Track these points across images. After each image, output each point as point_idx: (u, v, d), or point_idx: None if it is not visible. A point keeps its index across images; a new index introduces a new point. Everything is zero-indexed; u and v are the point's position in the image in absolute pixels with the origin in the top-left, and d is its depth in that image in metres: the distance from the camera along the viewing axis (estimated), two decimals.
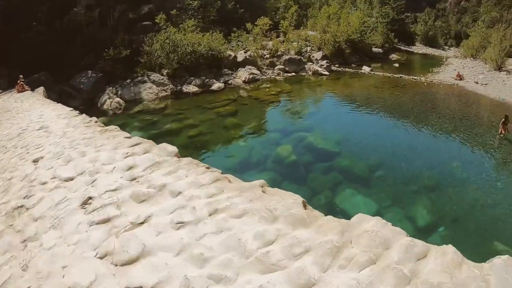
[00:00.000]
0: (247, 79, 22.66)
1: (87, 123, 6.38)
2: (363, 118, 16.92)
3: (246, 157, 12.43)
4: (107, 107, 17.60)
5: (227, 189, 3.31)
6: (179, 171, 3.69)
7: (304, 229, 2.56)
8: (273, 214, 2.74)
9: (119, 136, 5.22)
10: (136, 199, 3.27)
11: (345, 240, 2.38)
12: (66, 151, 4.82)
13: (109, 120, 16.34)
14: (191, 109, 17.89)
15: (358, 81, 24.39)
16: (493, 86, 21.59)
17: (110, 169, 3.93)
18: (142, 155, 4.19)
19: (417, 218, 9.10)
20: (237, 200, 3.06)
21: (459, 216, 9.37)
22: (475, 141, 13.65)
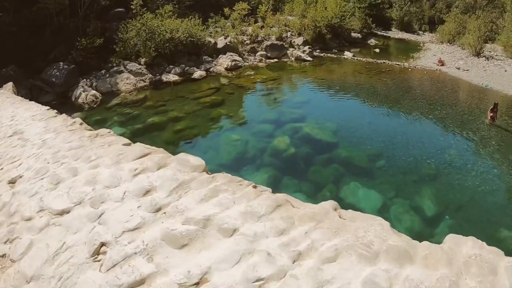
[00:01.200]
0: (229, 66, 21.53)
1: (70, 126, 5.18)
2: (355, 105, 16.42)
3: (241, 152, 11.53)
4: (82, 101, 16.01)
5: (299, 220, 2.48)
6: (220, 195, 2.75)
7: (411, 265, 2.10)
8: (372, 249, 2.18)
9: (115, 143, 4.14)
10: (173, 243, 2.31)
11: (456, 271, 2.05)
12: (51, 168, 3.70)
13: (85, 116, 14.84)
14: (174, 100, 16.63)
15: (342, 67, 23.82)
16: (474, 72, 21.74)
17: (119, 194, 2.90)
18: (158, 172, 3.18)
19: (424, 209, 8.90)
20: (318, 235, 2.31)
21: (462, 204, 9.28)
22: (467, 128, 13.57)
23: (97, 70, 18.41)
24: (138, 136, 12.88)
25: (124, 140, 4.33)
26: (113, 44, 19.32)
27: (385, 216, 8.92)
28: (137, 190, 2.93)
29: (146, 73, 18.78)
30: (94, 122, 13.99)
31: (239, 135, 12.35)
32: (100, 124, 13.91)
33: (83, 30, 18.78)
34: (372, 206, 9.14)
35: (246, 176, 10.64)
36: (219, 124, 13.71)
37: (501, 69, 22.83)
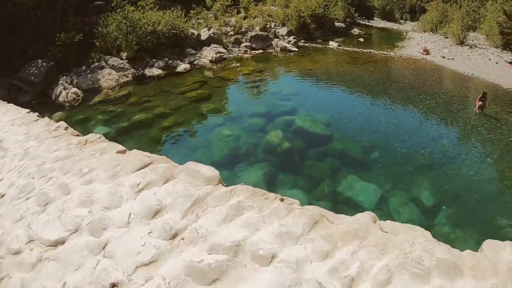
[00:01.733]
0: (214, 59, 20.87)
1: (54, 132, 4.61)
2: (345, 96, 16.19)
3: (233, 148, 11.11)
4: (63, 99, 15.09)
5: (341, 239, 2.19)
6: (245, 213, 2.34)
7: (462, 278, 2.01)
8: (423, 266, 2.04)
9: (108, 150, 3.65)
10: (201, 279, 1.90)
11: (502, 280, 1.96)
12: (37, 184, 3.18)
13: (67, 115, 14.05)
14: (159, 95, 15.94)
15: (329, 57, 23.51)
16: (460, 61, 21.87)
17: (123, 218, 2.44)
18: (166, 186, 2.73)
19: (421, 200, 8.85)
20: (366, 254, 2.08)
21: (459, 193, 9.29)
22: (457, 117, 13.61)
23: (77, 67, 17.45)
24: (124, 135, 12.27)
25: (118, 147, 3.84)
26: (93, 38, 18.35)
27: (384, 208, 8.73)
28: (144, 211, 2.48)
29: (129, 67, 17.96)
30: (76, 121, 13.28)
31: (230, 130, 11.89)
32: (83, 124, 13.14)
33: (61, 25, 17.70)
34: (370, 199, 9.01)
35: (240, 173, 10.29)
36: (208, 119, 13.19)
37: (485, 58, 23.07)
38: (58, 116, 13.63)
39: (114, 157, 3.40)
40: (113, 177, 2.98)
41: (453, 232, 7.90)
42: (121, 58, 18.35)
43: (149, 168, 3.03)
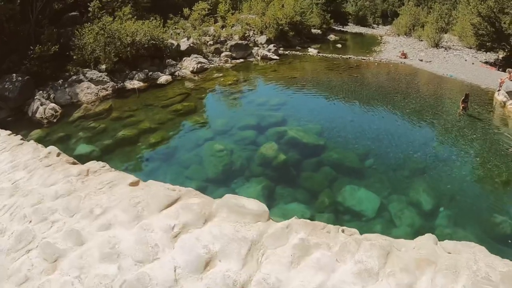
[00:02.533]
0: (195, 69, 20.33)
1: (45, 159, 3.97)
2: (333, 104, 16.09)
3: (227, 163, 10.62)
4: (40, 116, 14.11)
5: (417, 268, 2.04)
6: (314, 253, 1.96)
7: None
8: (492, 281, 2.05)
9: (118, 182, 3.10)
10: None
11: None
12: (38, 231, 2.58)
13: (47, 133, 13.14)
14: (142, 109, 15.22)
15: (310, 64, 23.48)
16: (437, 64, 22.39)
17: (167, 275, 1.93)
18: (209, 228, 2.25)
19: (420, 203, 8.86)
20: (442, 279, 2.04)
21: (454, 194, 9.39)
22: (443, 119, 13.74)
23: (54, 81, 16.47)
24: (109, 153, 11.55)
25: (128, 178, 3.30)
26: (69, 51, 17.38)
27: (385, 215, 8.66)
28: (192, 263, 2.00)
29: (108, 80, 17.14)
30: (57, 140, 12.44)
31: (221, 144, 11.39)
32: (64, 142, 12.32)
33: (36, 37, 16.65)
34: (371, 207, 8.89)
35: (238, 189, 9.75)
36: (197, 134, 12.63)
37: (461, 59, 23.76)
38: (37, 134, 12.77)
39: (130, 192, 2.86)
40: (137, 219, 2.45)
41: (454, 232, 7.86)
42: (99, 70, 17.53)
43: (179, 205, 2.53)
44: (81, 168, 3.60)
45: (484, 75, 19.14)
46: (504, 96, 15.25)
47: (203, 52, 22.49)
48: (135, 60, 19.08)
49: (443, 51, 26.46)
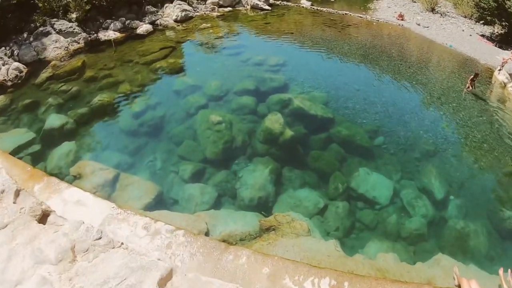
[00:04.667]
0: (179, 18, 17.83)
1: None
2: (337, 67, 14.59)
3: (228, 140, 9.21)
4: (3, 77, 11.66)
5: None
6: None
7: None
8: None
9: (137, 277, 1.65)
10: None
11: None
12: None
13: (11, 99, 10.86)
14: (120, 66, 13.03)
15: (305, 18, 21.33)
16: (435, 30, 21.28)
17: None
18: None
19: (431, 191, 8.46)
20: None
21: (464, 182, 9.05)
22: (450, 97, 12.95)
23: (17, 34, 13.68)
24: (86, 125, 9.71)
25: (152, 267, 1.83)
26: None
27: (398, 203, 8.14)
28: None
29: (79, 31, 14.57)
30: (23, 108, 10.39)
31: (218, 115, 9.79)
32: (31, 112, 10.29)
33: None
34: (385, 194, 8.31)
35: (241, 173, 8.41)
36: (187, 100, 10.83)
37: (458, 28, 22.70)
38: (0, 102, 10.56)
39: None
40: None
41: (466, 226, 7.60)
42: (69, 20, 14.77)
43: None
44: (60, 244, 2.05)
45: (483, 50, 18.37)
46: (506, 78, 14.60)
47: None
48: (109, 7, 16.25)
49: (439, 17, 25.21)
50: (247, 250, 5.64)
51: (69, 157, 8.42)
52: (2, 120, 9.98)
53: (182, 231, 5.71)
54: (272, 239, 6.42)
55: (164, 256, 5.22)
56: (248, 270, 5.30)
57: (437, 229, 7.67)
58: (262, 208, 7.66)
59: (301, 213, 7.43)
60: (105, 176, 7.57)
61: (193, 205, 7.40)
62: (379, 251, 6.76)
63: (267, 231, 6.77)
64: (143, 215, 6.08)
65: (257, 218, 7.08)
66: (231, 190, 8.05)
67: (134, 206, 6.74)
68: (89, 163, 8.01)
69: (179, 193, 7.74)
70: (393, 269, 6.01)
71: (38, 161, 8.36)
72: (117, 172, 7.75)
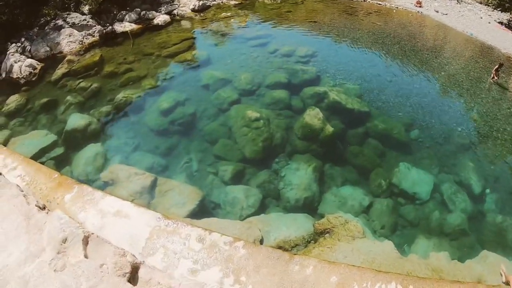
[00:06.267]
0: (196, 7, 17.29)
1: None
2: (365, 58, 14.13)
3: (267, 138, 8.87)
4: (16, 75, 11.19)
5: None
6: None
7: None
8: None
9: None
10: None
11: None
12: None
13: (26, 99, 10.38)
14: (140, 60, 12.57)
15: (325, 6, 20.69)
16: (454, 18, 20.78)
17: None
18: None
19: (469, 185, 8.32)
20: None
21: (498, 175, 8.96)
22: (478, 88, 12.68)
23: (28, 29, 13.14)
24: (111, 125, 9.30)
25: None
26: None
27: (438, 197, 7.99)
28: None
29: (93, 24, 14.00)
30: (40, 108, 9.91)
31: (255, 110, 9.41)
32: (50, 112, 9.80)
33: None
34: (425, 189, 8.14)
35: (284, 172, 8.12)
36: (219, 95, 10.40)
37: (476, 15, 22.15)
38: (15, 102, 10.06)
39: None
40: None
41: (504, 220, 7.56)
42: (82, 13, 14.24)
43: None
44: None
45: (503, 38, 17.94)
46: None
47: None
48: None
49: (455, 3, 24.56)
50: (313, 260, 5.36)
51: (97, 160, 7.89)
52: (18, 121, 9.51)
53: (242, 242, 5.38)
54: (330, 244, 6.16)
55: (227, 271, 4.94)
56: (316, 280, 5.03)
57: (477, 223, 7.57)
58: (309, 208, 7.43)
59: (348, 212, 7.23)
60: (142, 181, 7.02)
61: (239, 209, 7.02)
62: (428, 249, 6.68)
63: (321, 235, 6.51)
64: (194, 226, 5.67)
65: (308, 220, 6.84)
66: (274, 191, 7.79)
67: (179, 214, 6.32)
68: (122, 168, 7.45)
69: (221, 196, 7.34)
70: (447, 269, 5.88)
71: (63, 166, 7.89)
72: (154, 177, 7.20)
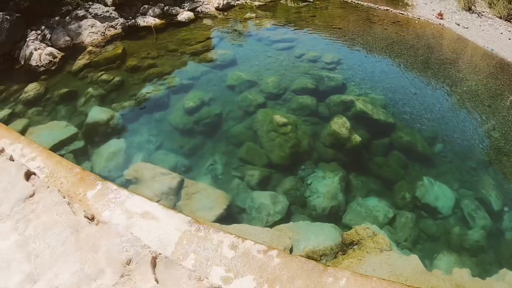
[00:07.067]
0: (220, 6, 17.31)
1: None
2: (390, 68, 14.08)
3: (295, 143, 8.88)
4: (36, 63, 11.08)
5: None
6: None
7: None
8: None
9: None
10: None
11: None
12: None
13: (45, 88, 10.31)
14: (165, 56, 12.58)
15: (349, 13, 20.59)
16: (475, 32, 20.59)
17: None
18: None
19: (489, 202, 8.32)
20: None
21: None
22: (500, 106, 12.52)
23: (48, 17, 13.05)
24: (134, 120, 9.26)
25: None
26: None
27: (459, 213, 8.02)
28: None
29: (116, 16, 13.92)
30: (60, 99, 9.85)
31: (283, 115, 9.43)
32: (69, 103, 9.76)
33: None
34: (447, 204, 8.17)
35: (310, 180, 8.14)
36: (244, 96, 10.43)
37: (496, 31, 21.92)
38: (33, 90, 10.01)
39: None
40: None
41: None
42: (105, 4, 14.21)
43: None
44: None
45: None
46: None
47: None
48: None
49: (476, 17, 24.39)
50: (346, 272, 5.37)
51: (119, 157, 7.80)
52: (37, 110, 9.43)
53: (276, 251, 5.38)
54: (360, 256, 6.20)
55: (261, 281, 4.94)
56: None
57: (495, 241, 7.56)
58: (334, 218, 7.50)
59: (373, 223, 7.28)
60: (168, 182, 6.91)
61: (265, 216, 7.01)
62: (450, 265, 6.70)
63: (350, 246, 6.55)
64: (227, 232, 5.66)
65: (335, 230, 6.89)
66: (300, 198, 7.84)
67: (206, 218, 6.31)
68: (147, 166, 7.35)
69: (247, 201, 7.33)
70: (470, 285, 5.86)
71: (83, 160, 7.80)
72: (181, 178, 7.12)
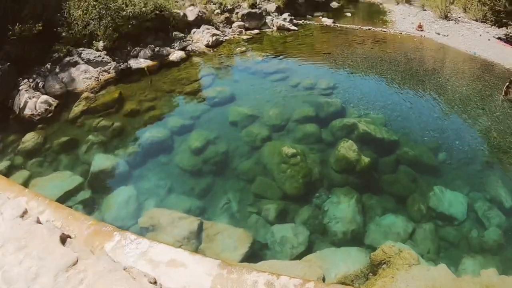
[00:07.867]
0: (210, 43, 17.81)
1: None
2: (383, 86, 14.56)
3: (306, 173, 9.03)
4: (31, 112, 11.09)
5: None
6: None
7: None
8: None
9: None
10: None
11: None
12: None
13: (44, 137, 10.22)
14: (162, 97, 12.80)
15: (334, 36, 21.37)
16: (455, 38, 21.51)
17: None
18: None
19: (500, 200, 8.57)
20: None
21: None
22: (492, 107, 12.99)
23: (40, 65, 13.26)
24: (139, 166, 9.22)
25: None
26: (56, 27, 14.06)
27: (473, 216, 8.23)
28: None
29: (109, 60, 14.24)
30: (60, 147, 9.83)
31: (289, 146, 9.62)
32: (71, 152, 9.73)
33: (14, 15, 13.12)
34: (461, 210, 8.37)
35: (326, 206, 8.21)
36: (248, 131, 10.59)
37: (475, 34, 22.93)
38: (32, 140, 9.87)
39: None
40: None
41: None
42: (97, 49, 14.55)
43: None
44: None
45: (504, 53, 18.53)
46: None
47: (213, 23, 19.76)
48: (137, 34, 16.13)
49: (453, 23, 25.49)
50: None
51: (131, 205, 7.67)
52: (37, 161, 9.28)
53: (312, 283, 5.41)
54: (391, 274, 6.26)
55: None
56: None
57: None
58: (357, 240, 7.58)
59: (395, 240, 7.34)
60: (188, 226, 6.84)
61: (289, 249, 7.01)
62: (476, 267, 6.81)
63: (379, 266, 6.59)
64: (260, 271, 5.66)
65: (361, 253, 7.01)
66: (320, 226, 7.91)
67: (232, 258, 6.27)
68: (163, 212, 7.26)
69: (268, 236, 7.35)
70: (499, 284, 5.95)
71: (92, 211, 7.66)
72: (200, 220, 7.10)
